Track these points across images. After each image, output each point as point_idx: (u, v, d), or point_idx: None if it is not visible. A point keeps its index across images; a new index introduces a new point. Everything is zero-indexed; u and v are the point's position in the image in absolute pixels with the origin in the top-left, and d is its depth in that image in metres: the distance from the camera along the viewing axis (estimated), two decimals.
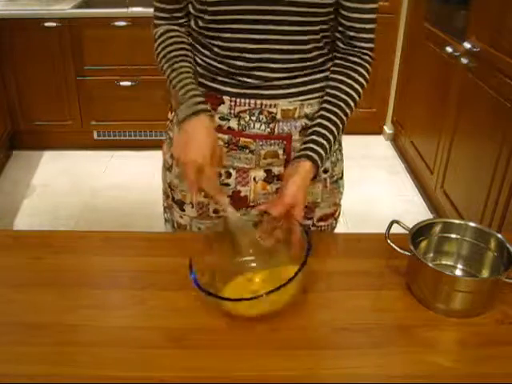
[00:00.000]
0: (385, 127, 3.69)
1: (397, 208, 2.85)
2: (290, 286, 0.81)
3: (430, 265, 0.89)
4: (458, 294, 0.87)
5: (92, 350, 0.81)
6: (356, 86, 1.03)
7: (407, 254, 0.91)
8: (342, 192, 1.20)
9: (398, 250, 0.92)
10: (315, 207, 1.15)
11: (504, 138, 1.99)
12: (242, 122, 1.03)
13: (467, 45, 2.28)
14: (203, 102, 0.98)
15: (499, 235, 0.94)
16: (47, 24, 3.06)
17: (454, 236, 0.99)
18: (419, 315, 0.89)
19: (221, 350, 0.82)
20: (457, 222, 1.00)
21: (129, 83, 3.26)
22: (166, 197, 1.22)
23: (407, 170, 3.27)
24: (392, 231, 0.95)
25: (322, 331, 0.86)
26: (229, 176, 1.08)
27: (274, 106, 1.02)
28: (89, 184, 3.10)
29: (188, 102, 0.97)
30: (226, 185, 1.09)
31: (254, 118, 1.02)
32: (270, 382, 0.77)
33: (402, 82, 3.37)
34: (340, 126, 1.02)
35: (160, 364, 0.79)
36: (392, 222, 0.97)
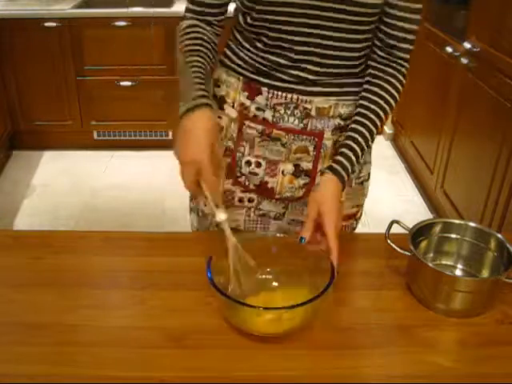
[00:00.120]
0: (385, 127, 3.69)
1: (397, 208, 2.85)
2: (306, 309, 0.80)
3: (430, 265, 0.89)
4: (457, 293, 0.87)
5: (92, 350, 0.81)
6: (390, 99, 1.03)
7: (407, 253, 0.91)
8: (366, 194, 1.20)
9: (398, 249, 0.92)
10: None
11: (504, 138, 1.99)
12: (277, 115, 1.04)
13: (467, 45, 2.28)
14: (205, 96, 0.94)
15: (499, 235, 0.94)
16: (47, 24, 3.06)
17: (453, 236, 0.99)
18: (419, 315, 0.89)
19: (221, 349, 0.81)
20: (457, 222, 1.00)
21: (129, 83, 3.26)
22: None
23: (407, 170, 3.27)
24: (392, 231, 0.95)
25: (322, 331, 0.86)
26: (259, 166, 1.09)
27: (310, 102, 1.02)
28: (89, 184, 3.10)
29: (189, 95, 0.94)
30: (255, 174, 1.10)
31: (288, 112, 1.03)
32: (269, 382, 0.77)
33: None
34: (369, 138, 1.02)
35: (160, 364, 0.79)
36: (392, 222, 0.97)
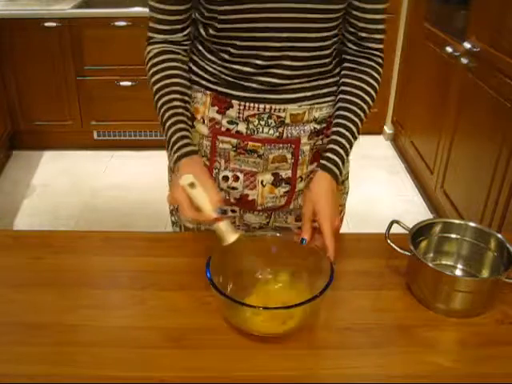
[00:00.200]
0: (385, 127, 3.69)
1: (397, 208, 2.85)
2: (306, 309, 0.80)
3: (430, 265, 0.89)
4: (457, 293, 0.87)
5: (92, 350, 0.81)
6: (369, 89, 1.03)
7: (407, 253, 0.91)
8: (347, 193, 1.20)
9: (398, 250, 0.92)
10: None
11: (504, 138, 1.99)
12: (251, 126, 1.02)
13: (467, 45, 2.28)
14: (189, 144, 0.95)
15: (499, 235, 0.94)
16: (47, 24, 3.06)
17: (454, 236, 0.99)
18: (419, 315, 0.89)
19: (221, 349, 0.82)
20: (457, 222, 1.00)
21: (129, 83, 3.26)
22: None
23: (407, 170, 3.27)
24: (392, 231, 0.95)
25: (322, 331, 0.86)
26: (237, 179, 1.07)
27: (283, 110, 1.00)
28: (89, 184, 3.10)
29: (174, 143, 0.95)
30: (234, 188, 1.08)
31: (262, 123, 1.01)
32: (269, 382, 0.77)
33: (402, 82, 3.37)
34: (355, 131, 1.01)
35: (160, 364, 0.79)
36: (392, 222, 0.97)
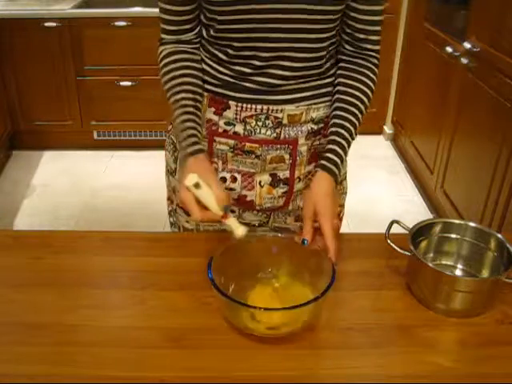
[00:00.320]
0: (385, 127, 3.69)
1: (397, 208, 2.85)
2: (307, 310, 0.80)
3: (430, 265, 0.89)
4: (457, 293, 0.87)
5: (92, 350, 0.81)
6: (366, 89, 1.02)
7: (407, 253, 0.91)
8: (346, 193, 1.20)
9: (398, 249, 0.92)
10: None
11: (504, 138, 1.99)
12: (248, 127, 1.02)
13: (467, 45, 2.28)
14: (197, 143, 0.95)
15: (499, 235, 0.94)
16: (47, 24, 3.06)
17: (454, 236, 0.99)
18: (419, 315, 0.89)
19: (221, 349, 0.81)
20: (457, 222, 1.00)
21: (129, 83, 3.26)
22: (171, 202, 1.21)
23: (407, 170, 3.27)
24: (392, 231, 0.95)
25: (322, 331, 0.86)
26: (234, 180, 1.07)
27: (281, 111, 1.00)
28: (89, 184, 3.10)
29: (183, 141, 0.95)
30: (232, 189, 1.08)
31: (260, 124, 1.01)
32: (270, 382, 0.77)
33: (402, 82, 3.37)
34: (353, 131, 1.01)
35: (160, 364, 0.79)
36: (392, 222, 0.97)
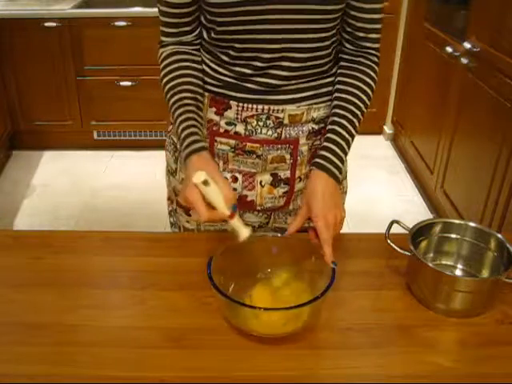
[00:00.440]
0: (385, 127, 3.69)
1: (397, 208, 2.85)
2: (307, 310, 0.80)
3: (430, 265, 0.89)
4: (458, 293, 0.87)
5: (92, 350, 0.81)
6: (365, 87, 1.02)
7: (407, 253, 0.91)
8: (346, 192, 1.20)
9: (398, 250, 0.92)
10: None
11: (504, 138, 1.99)
12: (249, 127, 1.01)
13: (467, 45, 2.28)
14: (199, 141, 0.94)
15: (499, 235, 0.94)
16: (47, 24, 3.06)
17: (454, 236, 0.99)
18: (419, 315, 0.89)
19: (221, 350, 0.82)
20: (457, 222, 1.00)
21: (129, 83, 3.26)
22: (171, 202, 1.21)
23: (407, 170, 3.27)
24: (392, 231, 0.95)
25: (322, 331, 0.86)
26: (235, 180, 1.07)
27: (282, 111, 1.00)
28: (89, 184, 3.10)
29: (184, 139, 0.95)
30: (233, 189, 1.07)
31: (261, 124, 1.01)
32: (270, 382, 0.77)
33: (402, 82, 3.37)
34: (352, 129, 1.01)
35: (160, 364, 0.79)
36: (392, 222, 0.97)
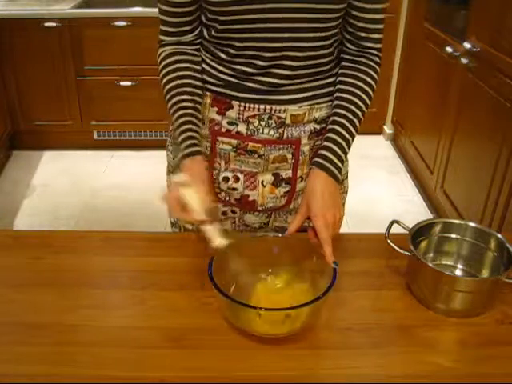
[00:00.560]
0: (385, 127, 3.69)
1: (397, 208, 2.85)
2: (308, 310, 0.80)
3: (430, 265, 0.89)
4: (458, 293, 0.87)
5: (92, 350, 0.81)
6: (366, 87, 1.02)
7: (407, 253, 0.91)
8: (347, 192, 1.20)
9: (398, 250, 0.92)
10: None
11: (504, 138, 1.99)
12: (251, 127, 1.01)
13: (467, 45, 2.28)
14: (195, 145, 0.95)
15: (499, 235, 0.94)
16: (47, 24, 3.06)
17: (454, 236, 0.99)
18: (419, 315, 0.89)
19: (221, 350, 0.82)
20: (457, 222, 1.00)
21: (129, 83, 3.26)
22: None
23: (407, 170, 3.27)
24: (392, 231, 0.95)
25: (322, 331, 0.86)
26: (237, 180, 1.07)
27: (284, 111, 1.00)
28: (89, 184, 3.10)
29: (180, 142, 0.95)
30: (234, 189, 1.08)
31: (262, 123, 1.01)
32: (269, 382, 0.77)
33: (402, 82, 3.37)
34: (352, 129, 1.01)
35: (160, 364, 0.79)
36: (392, 222, 0.97)
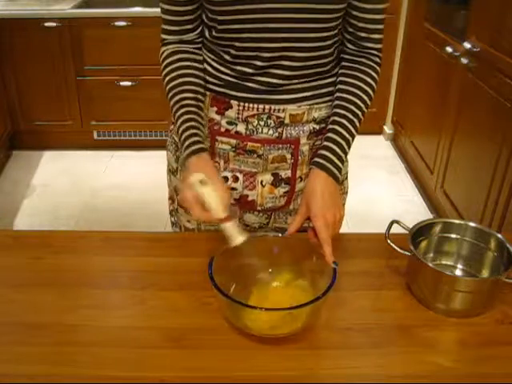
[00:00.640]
0: (385, 127, 3.69)
1: (397, 208, 2.85)
2: (308, 310, 0.80)
3: (430, 265, 0.89)
4: (457, 293, 0.87)
5: (92, 350, 0.81)
6: (366, 88, 1.02)
7: (407, 254, 0.91)
8: (347, 192, 1.20)
9: (398, 250, 0.92)
10: None
11: (504, 138, 1.99)
12: (250, 127, 1.01)
13: (467, 45, 2.28)
14: (199, 142, 0.95)
15: (499, 235, 0.94)
16: (47, 24, 3.06)
17: (454, 236, 0.99)
18: (419, 315, 0.89)
19: (221, 349, 0.82)
20: (457, 222, 1.00)
21: (129, 83, 3.26)
22: (172, 201, 1.21)
23: (407, 170, 3.27)
24: (392, 231, 0.95)
25: (322, 331, 0.86)
26: (236, 180, 1.07)
27: (283, 110, 1.00)
28: (89, 184, 3.10)
29: (184, 140, 0.95)
30: (233, 189, 1.08)
31: (262, 123, 1.01)
32: (269, 382, 0.77)
33: (402, 82, 3.37)
34: (352, 129, 1.01)
35: (160, 364, 0.79)
36: (392, 222, 0.97)
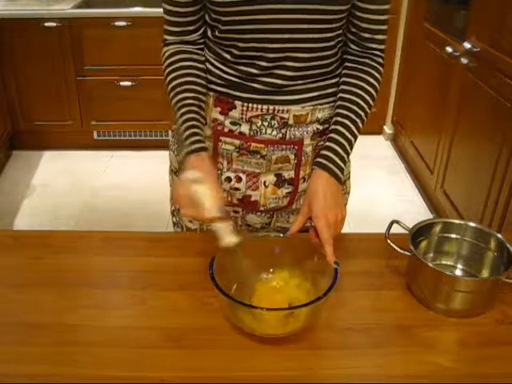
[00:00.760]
0: (385, 127, 3.69)
1: (397, 208, 2.85)
2: (309, 310, 0.80)
3: (430, 265, 0.89)
4: (458, 294, 0.87)
5: (92, 350, 0.81)
6: (369, 88, 1.02)
7: (407, 254, 0.91)
8: (349, 193, 1.20)
9: (398, 250, 0.92)
10: None
11: (504, 138, 1.99)
12: (254, 127, 1.01)
13: (467, 45, 2.28)
14: (199, 141, 0.95)
15: (499, 235, 0.94)
16: (47, 24, 3.06)
17: (454, 236, 0.99)
18: (419, 315, 0.89)
19: (221, 349, 0.82)
20: (457, 222, 1.00)
21: (129, 83, 3.26)
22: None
23: (407, 170, 3.27)
24: (392, 231, 0.95)
25: (323, 331, 0.86)
26: (239, 180, 1.07)
27: (286, 111, 1.00)
28: (89, 184, 3.10)
29: (184, 139, 0.95)
30: (236, 189, 1.08)
31: (265, 124, 1.01)
32: (269, 382, 0.77)
33: (402, 82, 3.37)
34: (354, 130, 1.01)
35: (160, 364, 0.79)
36: (392, 222, 0.97)
